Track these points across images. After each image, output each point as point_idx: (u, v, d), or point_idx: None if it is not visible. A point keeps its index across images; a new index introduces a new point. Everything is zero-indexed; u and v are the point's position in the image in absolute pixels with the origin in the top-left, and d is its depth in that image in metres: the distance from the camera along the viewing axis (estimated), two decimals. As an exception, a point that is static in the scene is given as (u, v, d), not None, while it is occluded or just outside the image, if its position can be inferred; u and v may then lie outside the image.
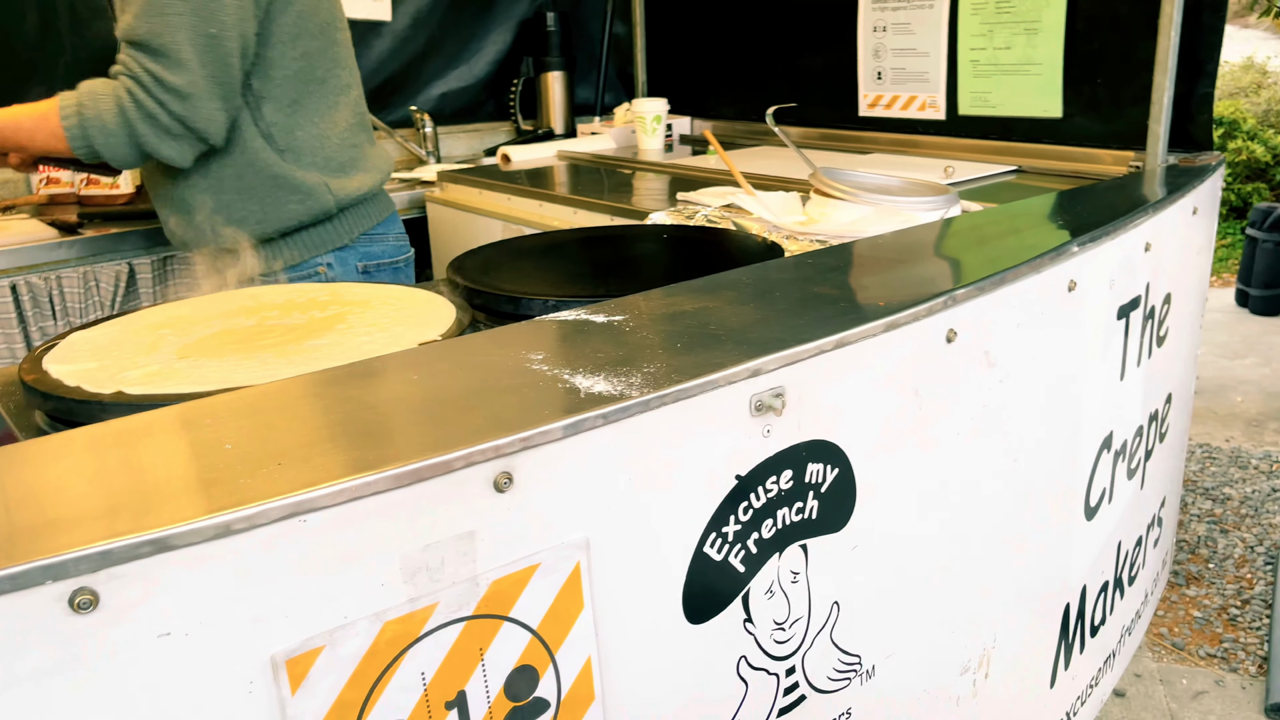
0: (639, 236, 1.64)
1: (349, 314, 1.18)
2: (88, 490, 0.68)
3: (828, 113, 2.80)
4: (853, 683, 1.06)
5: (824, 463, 0.96)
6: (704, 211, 1.80)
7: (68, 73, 2.68)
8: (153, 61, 1.50)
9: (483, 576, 0.75)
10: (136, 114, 1.51)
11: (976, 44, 2.42)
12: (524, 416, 0.77)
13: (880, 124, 2.69)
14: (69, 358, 1.04)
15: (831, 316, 0.99)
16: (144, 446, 0.75)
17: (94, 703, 0.61)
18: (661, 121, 2.96)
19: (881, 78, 2.64)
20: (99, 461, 0.72)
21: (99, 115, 1.51)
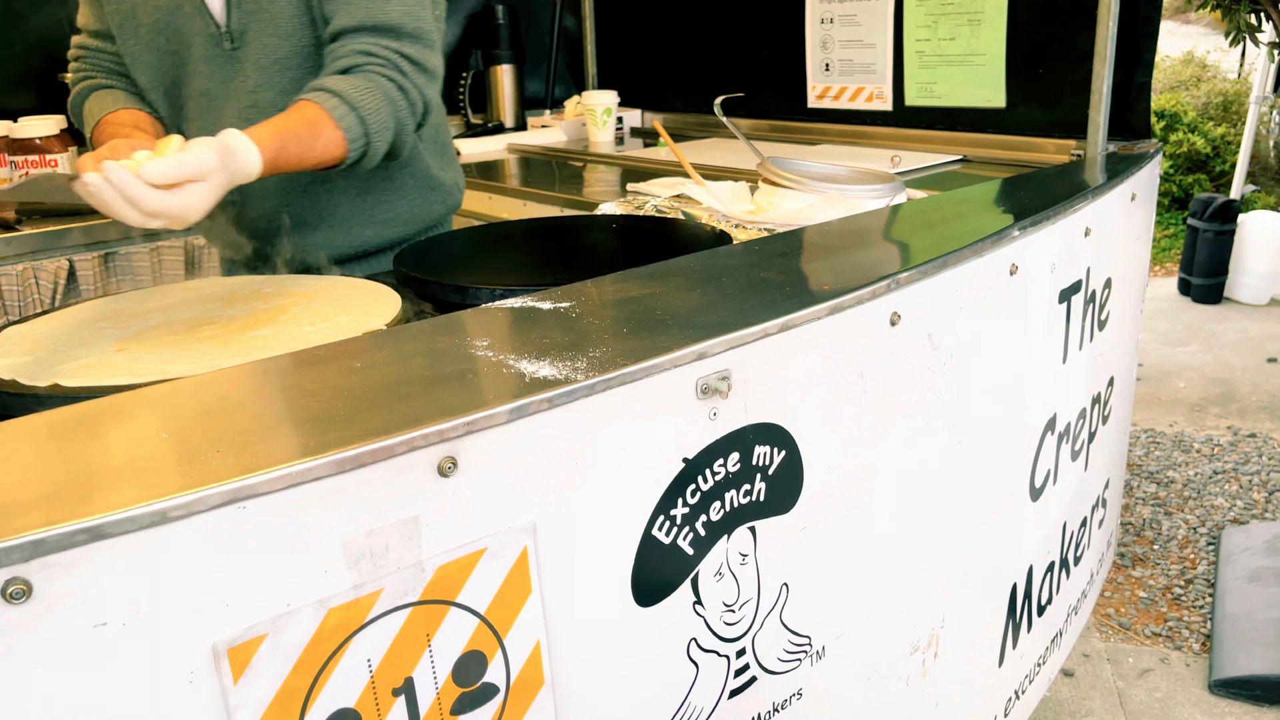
0: (588, 226, 1.64)
1: (292, 305, 1.17)
2: (19, 480, 0.66)
3: (777, 104, 2.82)
4: (803, 664, 1.07)
5: (771, 445, 0.97)
6: (653, 202, 1.80)
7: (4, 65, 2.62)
8: (410, 46, 1.38)
9: (428, 562, 0.75)
10: (404, 102, 1.38)
11: (921, 35, 2.45)
12: (468, 401, 0.77)
13: (829, 115, 2.71)
14: (3, 351, 1.02)
15: (777, 300, 1.00)
16: (78, 436, 0.73)
17: (28, 695, 0.60)
18: (612, 114, 2.96)
19: (829, 69, 2.66)
20: (31, 452, 0.71)
21: (376, 111, 1.34)
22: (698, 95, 3.07)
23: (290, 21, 1.42)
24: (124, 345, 1.03)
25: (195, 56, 1.46)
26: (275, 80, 1.45)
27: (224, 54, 1.44)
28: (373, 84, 1.34)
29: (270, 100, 1.45)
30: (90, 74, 1.53)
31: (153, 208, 1.05)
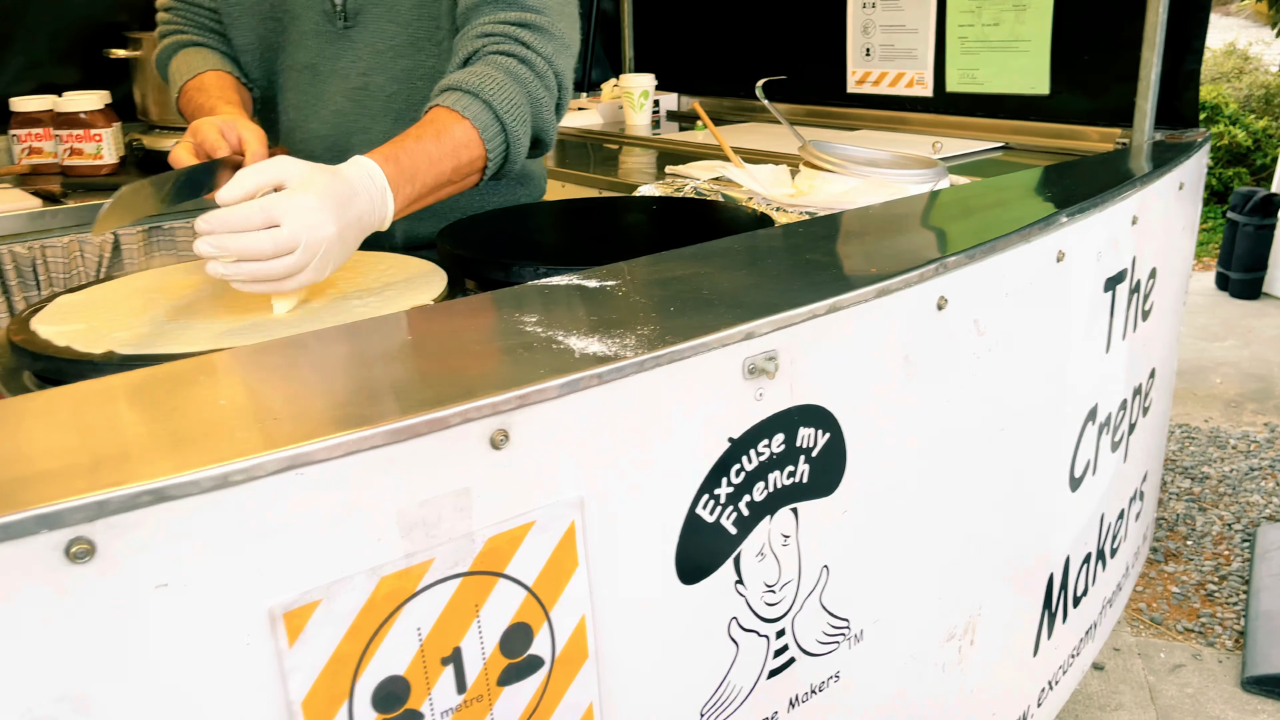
0: (629, 207, 1.64)
1: (339, 279, 1.18)
2: (82, 442, 0.68)
3: (815, 89, 2.80)
4: (841, 646, 1.07)
5: (815, 427, 0.97)
6: (693, 184, 1.80)
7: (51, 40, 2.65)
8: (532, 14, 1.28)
9: (479, 533, 0.75)
10: (531, 75, 1.25)
11: (965, 20, 2.43)
12: (520, 375, 0.77)
13: (868, 100, 2.69)
14: (57, 319, 1.03)
15: (824, 282, 1.00)
16: (137, 402, 0.74)
17: (91, 652, 0.61)
18: (649, 97, 2.95)
19: (870, 54, 2.64)
20: (91, 416, 0.72)
21: (501, 90, 1.21)
22: (735, 79, 3.06)
23: (411, 9, 1.37)
24: (176, 315, 1.04)
25: (302, 29, 1.42)
26: (388, 65, 1.41)
27: (335, 31, 1.40)
28: (494, 67, 1.23)
29: (380, 85, 1.41)
30: (181, 28, 1.48)
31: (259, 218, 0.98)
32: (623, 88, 2.95)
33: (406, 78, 1.42)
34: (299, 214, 0.98)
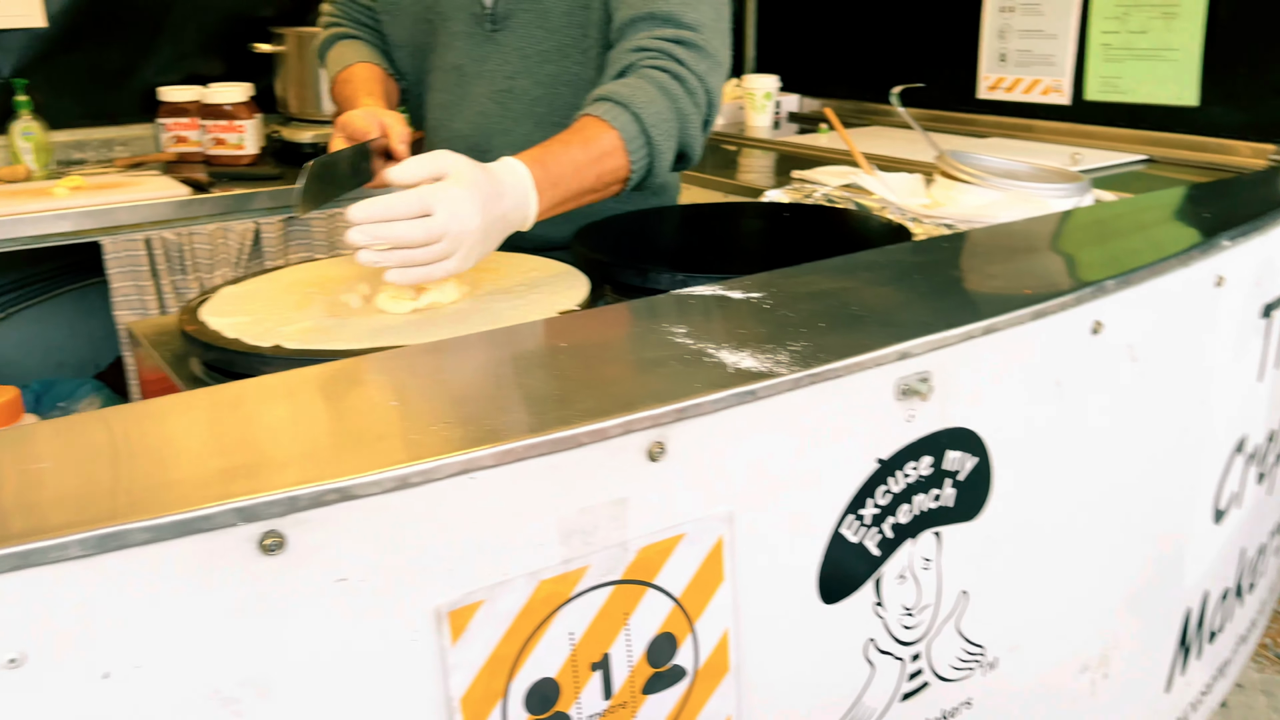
0: (760, 213, 1.64)
1: (483, 280, 1.20)
2: (267, 438, 0.71)
3: (943, 93, 2.74)
4: (975, 673, 1.06)
5: (963, 450, 0.95)
6: (823, 190, 1.78)
7: (199, 32, 2.77)
8: (688, 31, 1.28)
9: (632, 542, 0.76)
10: (682, 92, 1.26)
11: (1109, 27, 2.35)
12: (677, 388, 0.78)
13: (998, 107, 2.62)
14: (223, 311, 1.08)
15: (977, 302, 0.98)
16: (315, 399, 0.78)
17: (274, 640, 0.64)
18: (772, 98, 2.94)
19: (1005, 59, 2.58)
20: (274, 412, 0.76)
21: (650, 104, 1.23)
22: (859, 81, 3.02)
23: (561, 16, 1.39)
24: (333, 311, 1.08)
25: (452, 30, 1.45)
26: (535, 70, 1.43)
27: (483, 34, 1.43)
28: (646, 80, 1.24)
29: (525, 89, 1.44)
30: (339, 21, 1.55)
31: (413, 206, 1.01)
32: (745, 89, 2.94)
33: (551, 83, 1.44)
34: (450, 204, 1.02)
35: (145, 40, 2.69)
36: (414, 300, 1.09)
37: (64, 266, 2.62)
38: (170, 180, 2.34)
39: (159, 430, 0.73)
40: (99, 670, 0.60)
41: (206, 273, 2.17)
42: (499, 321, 1.04)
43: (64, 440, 0.72)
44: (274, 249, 2.24)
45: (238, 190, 2.25)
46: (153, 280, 2.13)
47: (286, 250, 2.28)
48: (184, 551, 0.60)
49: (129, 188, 2.24)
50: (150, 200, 2.15)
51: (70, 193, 2.17)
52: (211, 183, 2.30)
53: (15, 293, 2.60)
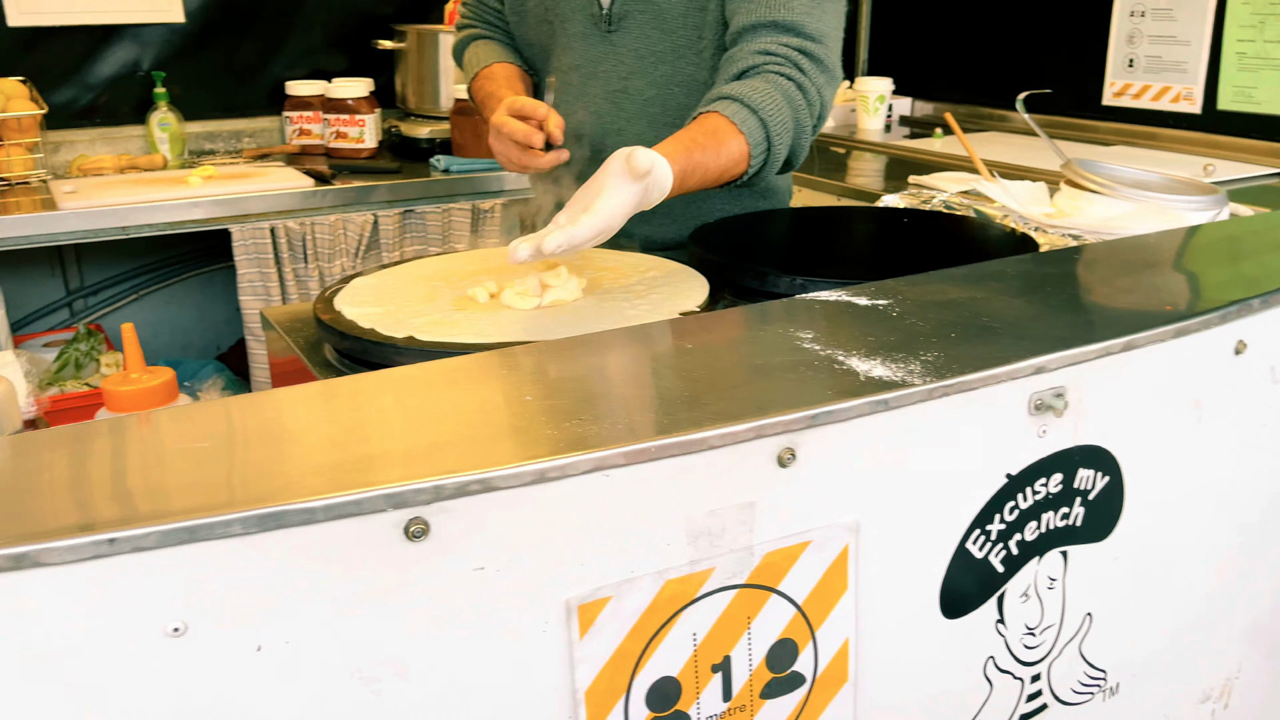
0: (877, 218, 1.62)
1: (604, 279, 1.22)
2: (409, 426, 0.73)
3: (1066, 99, 2.66)
4: (1095, 698, 1.03)
5: (1095, 469, 0.93)
6: (941, 197, 1.75)
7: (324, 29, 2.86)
8: (811, 44, 1.31)
9: (758, 547, 0.77)
10: (803, 102, 1.30)
11: (1245, 35, 2.25)
12: (808, 394, 0.77)
13: (1124, 114, 2.54)
14: (357, 301, 1.12)
15: (1115, 317, 0.95)
16: (451, 390, 0.80)
17: (414, 624, 0.66)
18: (885, 101, 2.90)
19: (1133, 65, 2.49)
20: (415, 401, 0.78)
21: (777, 113, 1.27)
22: (976, 85, 2.96)
23: (677, 18, 1.41)
24: (460, 304, 1.11)
25: (570, 31, 1.49)
26: (649, 71, 1.45)
27: (600, 34, 1.46)
28: (771, 84, 1.27)
29: (640, 89, 1.46)
30: (472, 23, 1.63)
31: None
32: (859, 91, 2.91)
33: (665, 83, 1.45)
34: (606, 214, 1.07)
35: (275, 36, 2.79)
36: (538, 297, 1.11)
37: (192, 252, 2.73)
38: (294, 171, 2.43)
39: (308, 415, 0.76)
40: (252, 644, 0.63)
41: (326, 262, 2.24)
42: (621, 320, 1.06)
43: (221, 421, 0.75)
44: (390, 241, 2.30)
45: (357, 183, 2.32)
46: (276, 267, 2.21)
47: (402, 242, 2.34)
48: (335, 534, 0.63)
49: (256, 178, 2.33)
50: (276, 190, 2.23)
51: (203, 182, 2.27)
52: (333, 175, 2.37)
53: (147, 275, 2.73)
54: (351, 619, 0.65)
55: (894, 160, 2.61)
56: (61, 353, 2.34)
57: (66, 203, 2.11)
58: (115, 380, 0.91)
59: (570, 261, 1.25)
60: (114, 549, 0.57)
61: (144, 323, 2.73)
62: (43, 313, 2.68)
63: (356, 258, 2.27)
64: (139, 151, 2.66)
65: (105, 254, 2.67)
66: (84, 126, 2.65)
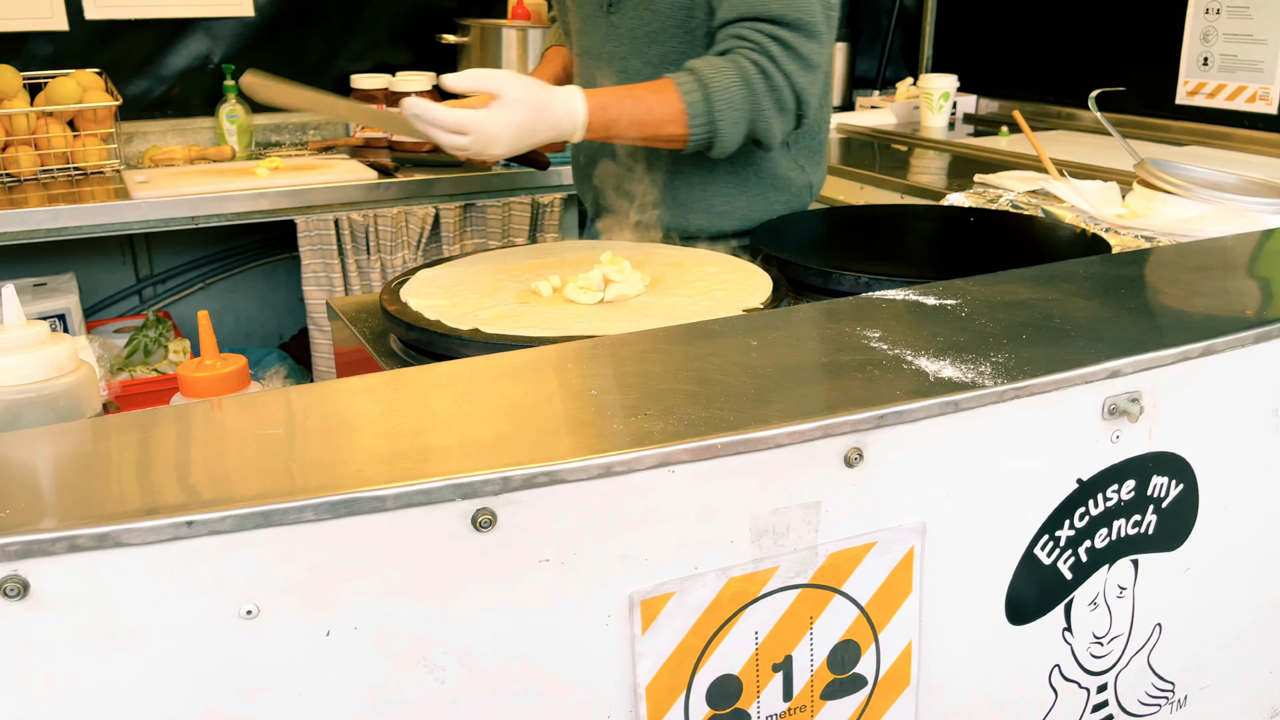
0: (942, 217, 1.59)
1: (666, 274, 1.21)
2: (475, 418, 0.74)
3: (1137, 98, 2.60)
4: (1162, 710, 1.00)
5: (1169, 477, 0.90)
6: (1008, 196, 1.72)
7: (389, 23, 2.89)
8: (788, 32, 1.34)
9: (822, 547, 0.76)
10: (763, 86, 1.33)
11: (1329, 31, 2.18)
12: (875, 394, 0.77)
13: (1197, 114, 2.48)
14: (422, 292, 1.13)
15: (1192, 321, 0.92)
16: (517, 383, 0.80)
17: (481, 613, 0.67)
18: (949, 99, 2.86)
19: (1207, 64, 2.43)
20: (481, 393, 0.78)
21: (725, 89, 1.32)
22: (1043, 83, 2.90)
23: None
24: (524, 298, 1.11)
25: (583, 15, 1.55)
26: (644, 51, 1.48)
27: (603, 16, 1.51)
28: (731, 64, 1.32)
29: (637, 69, 1.49)
30: (553, 13, 1.77)
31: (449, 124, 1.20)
32: (923, 88, 2.87)
33: (660, 63, 1.47)
34: (483, 131, 1.21)
35: (341, 30, 2.83)
36: (602, 292, 1.11)
37: (257, 242, 2.78)
38: (358, 164, 2.46)
39: (376, 405, 0.77)
40: (322, 628, 0.64)
41: (388, 254, 2.27)
42: (685, 316, 1.05)
43: (292, 409, 0.76)
44: (451, 234, 2.32)
45: (419, 176, 2.34)
46: (339, 259, 2.25)
47: (463, 235, 2.36)
48: (403, 523, 0.63)
49: (321, 170, 2.37)
50: (340, 183, 2.26)
51: (270, 173, 2.31)
52: (395, 168, 2.40)
53: (214, 264, 2.79)
54: (418, 607, 0.65)
55: (958, 158, 2.57)
56: (131, 339, 2.40)
57: (139, 192, 2.16)
58: (190, 367, 0.93)
59: (633, 257, 1.25)
60: (192, 531, 0.59)
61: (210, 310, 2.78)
62: (114, 299, 2.75)
63: (418, 250, 2.29)
64: (208, 143, 2.72)
65: (174, 243, 2.73)
66: (156, 118, 2.71)
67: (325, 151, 2.72)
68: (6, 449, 0.69)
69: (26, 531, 0.57)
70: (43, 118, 2.40)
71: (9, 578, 0.56)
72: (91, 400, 0.80)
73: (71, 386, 0.78)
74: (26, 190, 2.27)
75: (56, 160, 2.42)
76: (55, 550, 0.57)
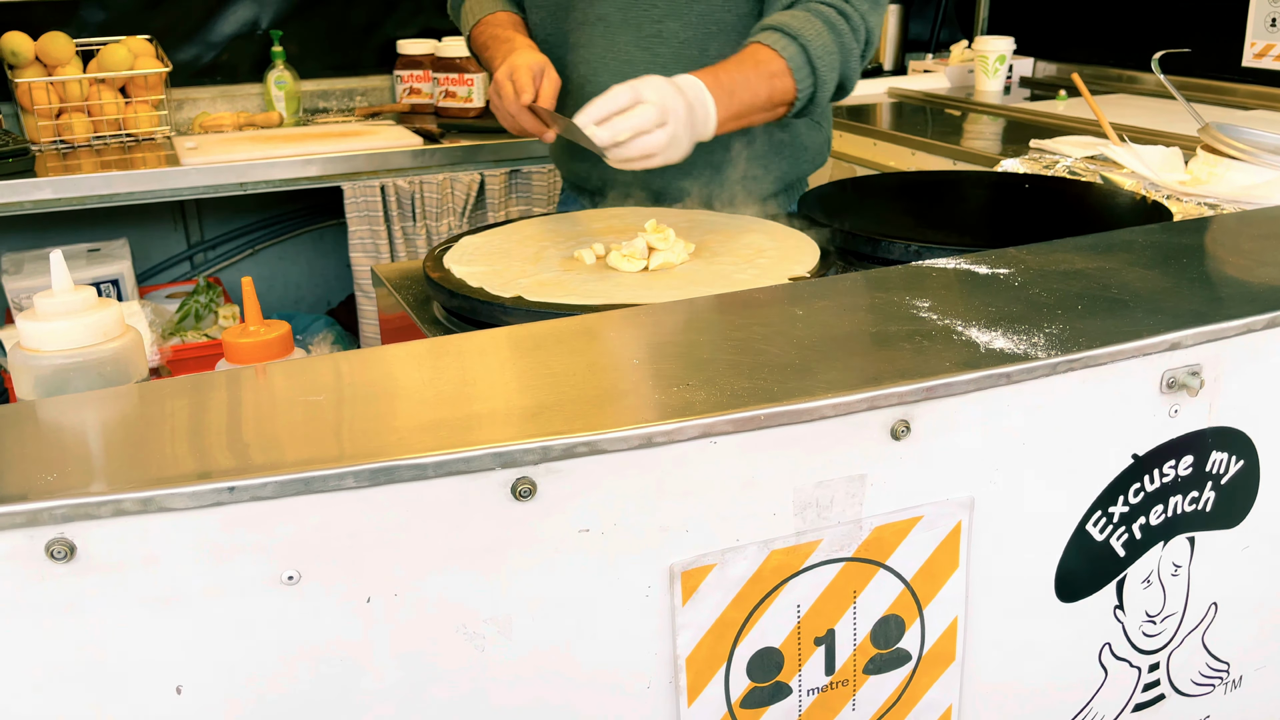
0: (995, 184, 1.55)
1: (710, 242, 1.20)
2: (517, 386, 0.73)
3: (1201, 61, 2.51)
4: (1216, 690, 0.98)
5: (1229, 452, 0.88)
6: (1065, 162, 1.67)
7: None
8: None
9: (867, 521, 0.75)
10: (846, 28, 1.33)
11: None
12: (924, 365, 0.75)
13: (1264, 76, 2.39)
14: (465, 259, 1.12)
15: (1257, 293, 0.89)
16: (559, 351, 0.79)
17: (520, 582, 0.67)
18: (1005, 62, 2.78)
19: (1275, 25, 2.33)
20: (522, 361, 0.78)
21: (818, 36, 1.30)
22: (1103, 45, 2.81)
23: None
24: (567, 265, 1.10)
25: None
26: (683, 11, 1.43)
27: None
28: (810, 13, 1.31)
29: (675, 31, 1.43)
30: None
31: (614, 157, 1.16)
32: (977, 51, 2.80)
33: (700, 23, 1.43)
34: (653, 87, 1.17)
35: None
36: (645, 260, 1.10)
37: (305, 209, 2.81)
38: (404, 130, 2.46)
39: (417, 372, 0.77)
40: (362, 595, 0.64)
41: (434, 220, 2.27)
42: (729, 285, 1.04)
43: (333, 376, 0.76)
44: (496, 200, 2.32)
45: (465, 142, 2.33)
46: (385, 225, 2.25)
47: (508, 202, 2.35)
48: (444, 491, 0.63)
49: (368, 136, 2.37)
50: (386, 149, 2.26)
51: (317, 139, 2.31)
52: (441, 134, 2.39)
53: (263, 231, 2.82)
54: (459, 575, 0.65)
55: (1013, 123, 2.51)
56: (183, 304, 2.44)
57: (189, 159, 2.18)
58: (234, 333, 0.94)
59: (678, 225, 1.24)
60: (234, 497, 0.59)
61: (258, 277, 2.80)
62: (165, 265, 2.79)
63: (463, 217, 2.29)
64: (256, 109, 2.73)
65: (224, 209, 2.76)
66: (205, 84, 2.73)
67: (372, 118, 2.72)
68: (53, 413, 0.69)
69: (72, 495, 0.57)
70: (95, 84, 2.43)
71: (56, 540, 0.57)
72: (138, 365, 0.81)
73: (118, 351, 0.79)
74: (80, 157, 2.30)
75: (109, 127, 2.45)
76: (100, 514, 0.57)
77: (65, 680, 0.60)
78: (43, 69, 2.40)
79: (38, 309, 0.80)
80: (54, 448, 0.64)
